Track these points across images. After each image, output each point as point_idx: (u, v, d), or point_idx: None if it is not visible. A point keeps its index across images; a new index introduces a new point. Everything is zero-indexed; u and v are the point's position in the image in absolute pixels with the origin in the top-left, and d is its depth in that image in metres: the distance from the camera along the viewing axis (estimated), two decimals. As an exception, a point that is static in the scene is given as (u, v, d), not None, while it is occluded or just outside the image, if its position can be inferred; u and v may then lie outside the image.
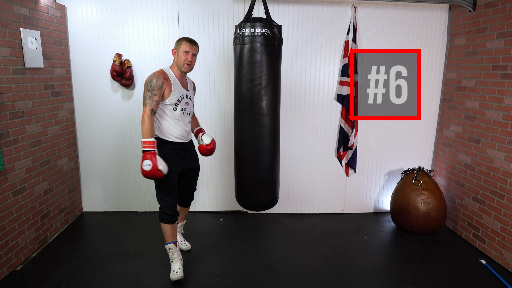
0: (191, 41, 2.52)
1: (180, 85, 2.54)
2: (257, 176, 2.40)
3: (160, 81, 2.40)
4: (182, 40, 2.51)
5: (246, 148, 2.38)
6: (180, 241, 3.05)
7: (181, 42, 2.51)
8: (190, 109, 2.65)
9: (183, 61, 2.49)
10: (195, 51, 2.53)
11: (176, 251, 2.68)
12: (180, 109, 2.54)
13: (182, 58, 2.49)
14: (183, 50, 2.48)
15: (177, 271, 2.61)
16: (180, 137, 2.59)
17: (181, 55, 2.49)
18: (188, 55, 2.49)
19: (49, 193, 3.15)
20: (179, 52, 2.50)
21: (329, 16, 3.48)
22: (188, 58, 2.49)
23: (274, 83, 2.28)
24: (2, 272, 2.58)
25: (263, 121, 2.30)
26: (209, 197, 3.86)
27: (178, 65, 2.52)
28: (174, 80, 2.51)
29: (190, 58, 2.50)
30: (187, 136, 2.65)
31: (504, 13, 2.84)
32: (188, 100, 2.60)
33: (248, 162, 2.40)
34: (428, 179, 3.35)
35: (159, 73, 2.46)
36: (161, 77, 2.42)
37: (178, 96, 2.51)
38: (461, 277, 2.72)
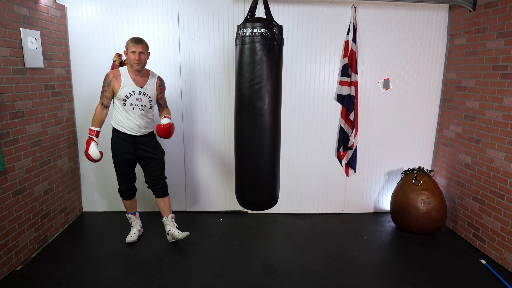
0: (135, 41, 2.76)
1: (132, 82, 2.82)
2: (257, 176, 2.40)
3: (108, 79, 2.80)
4: (129, 41, 2.78)
5: (246, 147, 2.38)
6: (177, 233, 3.07)
7: (128, 43, 2.78)
8: (143, 105, 2.88)
9: (132, 60, 2.76)
10: (141, 49, 2.76)
11: (135, 220, 3.23)
12: (129, 104, 2.84)
13: (131, 58, 2.76)
14: (130, 50, 2.75)
15: (132, 235, 3.15)
16: (130, 129, 2.89)
17: (130, 55, 2.76)
18: (135, 54, 2.74)
19: (49, 193, 3.15)
20: (128, 52, 2.78)
21: (329, 16, 3.48)
22: (135, 57, 2.75)
23: (274, 83, 2.28)
24: (2, 272, 2.58)
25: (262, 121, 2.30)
26: (209, 197, 3.86)
27: (130, 64, 2.80)
28: (126, 78, 2.81)
29: (137, 57, 2.75)
30: (138, 130, 2.92)
31: (504, 13, 2.84)
32: (140, 96, 2.86)
33: (247, 162, 2.40)
34: (428, 179, 3.35)
35: (110, 72, 2.85)
36: (110, 76, 2.81)
37: (127, 93, 2.80)
38: (461, 277, 2.72)
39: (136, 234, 3.18)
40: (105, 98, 2.81)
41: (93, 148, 2.77)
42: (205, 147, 3.72)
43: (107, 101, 2.82)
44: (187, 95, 3.59)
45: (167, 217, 3.13)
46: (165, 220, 3.14)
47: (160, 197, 3.10)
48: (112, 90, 2.80)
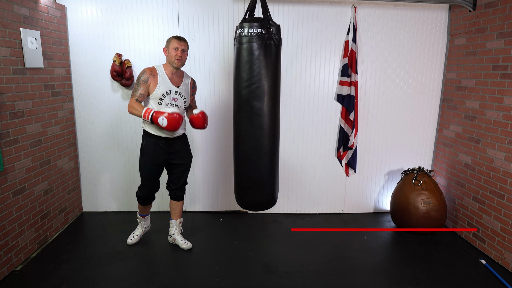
0: (179, 38, 2.73)
1: (169, 81, 2.74)
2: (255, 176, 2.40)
3: (146, 76, 2.67)
4: (171, 38, 2.73)
5: (244, 147, 2.38)
6: (181, 241, 3.07)
7: (171, 39, 2.73)
8: (178, 105, 2.78)
9: (173, 57, 2.69)
10: (183, 46, 2.72)
11: (143, 222, 3.16)
12: (165, 104, 2.73)
13: (173, 54, 2.69)
14: (173, 46, 2.69)
15: (133, 238, 3.12)
16: (165, 133, 2.76)
17: (171, 51, 2.69)
18: (178, 51, 2.68)
19: (49, 193, 3.15)
20: (169, 49, 2.71)
21: (329, 16, 3.48)
22: (178, 53, 2.69)
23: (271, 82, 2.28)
24: (2, 272, 2.58)
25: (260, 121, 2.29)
26: (209, 197, 3.86)
27: (170, 62, 2.72)
28: (163, 76, 2.72)
29: (180, 53, 2.69)
30: (172, 132, 2.78)
31: (504, 13, 2.84)
32: (176, 96, 2.77)
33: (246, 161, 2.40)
34: (428, 179, 3.35)
35: (147, 69, 2.72)
36: (147, 72, 2.68)
37: (163, 91, 2.70)
38: (461, 277, 2.72)
39: (138, 236, 3.14)
40: (140, 95, 2.65)
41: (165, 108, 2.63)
42: (205, 146, 3.72)
43: (142, 99, 2.67)
44: (187, 95, 3.59)
45: (176, 221, 3.10)
46: (172, 222, 3.11)
47: (175, 200, 3.06)
48: (148, 88, 2.67)
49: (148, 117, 2.56)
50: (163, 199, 3.76)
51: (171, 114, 2.56)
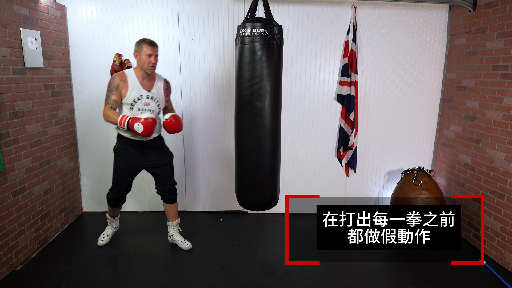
0: (152, 44, 2.63)
1: (140, 86, 2.68)
2: (257, 176, 2.40)
3: (116, 82, 2.62)
4: (143, 43, 2.61)
5: (245, 147, 2.38)
6: (180, 241, 3.07)
7: (142, 45, 2.61)
8: (151, 109, 2.74)
9: (146, 64, 2.62)
10: (157, 52, 2.66)
11: (113, 222, 3.12)
12: (137, 109, 2.69)
13: (146, 61, 2.61)
14: (146, 53, 2.60)
15: (104, 238, 3.09)
16: (138, 137, 2.72)
17: (144, 58, 2.61)
18: (151, 57, 2.61)
19: (49, 193, 3.15)
20: (141, 55, 2.61)
21: (329, 16, 3.48)
22: (151, 60, 2.62)
23: (273, 83, 2.28)
24: (2, 272, 2.58)
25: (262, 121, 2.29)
26: (209, 197, 3.86)
27: (142, 68, 2.65)
28: (133, 81, 2.66)
29: (153, 60, 2.63)
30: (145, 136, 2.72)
31: (504, 13, 2.84)
32: (149, 100, 2.72)
33: (247, 161, 2.40)
34: (428, 179, 3.35)
35: (117, 74, 2.67)
36: (117, 78, 2.64)
37: (135, 97, 2.66)
38: (461, 277, 2.72)
39: (109, 236, 3.11)
40: (113, 102, 2.61)
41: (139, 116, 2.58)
42: (205, 146, 3.72)
43: (115, 105, 2.63)
44: (187, 95, 3.59)
45: (172, 222, 3.08)
46: (169, 224, 3.09)
47: (168, 203, 3.03)
48: (120, 93, 2.63)
49: (124, 124, 2.53)
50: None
51: (146, 119, 2.54)
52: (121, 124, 2.55)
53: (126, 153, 2.79)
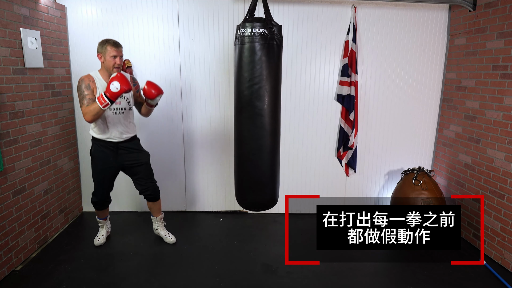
0: (116, 45, 2.60)
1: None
2: (256, 176, 2.40)
3: (85, 82, 2.58)
4: (107, 45, 2.57)
5: (245, 147, 2.38)
6: (165, 235, 3.13)
7: (106, 46, 2.57)
8: (123, 108, 2.73)
9: (112, 66, 2.60)
10: (121, 53, 2.64)
11: (105, 224, 3.15)
12: (109, 109, 2.65)
13: (111, 63, 2.59)
14: (111, 54, 2.58)
15: (100, 238, 3.10)
16: (112, 137, 2.74)
17: (109, 59, 2.58)
18: (116, 59, 2.60)
19: (49, 193, 3.15)
20: (105, 56, 2.59)
21: (329, 16, 3.48)
22: (116, 62, 2.60)
23: (273, 83, 2.28)
24: (2, 272, 2.58)
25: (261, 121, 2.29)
26: (209, 197, 3.85)
27: (107, 69, 2.63)
28: (101, 82, 2.64)
29: (119, 61, 2.61)
30: (120, 136, 2.77)
31: (504, 13, 2.84)
32: (119, 99, 2.68)
33: (246, 161, 2.40)
34: (428, 179, 3.34)
35: (84, 77, 2.62)
36: (85, 80, 2.59)
37: None
38: (461, 277, 2.72)
39: (104, 236, 3.14)
40: (89, 100, 2.54)
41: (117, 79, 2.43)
42: (205, 147, 3.72)
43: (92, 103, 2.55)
44: (187, 95, 3.59)
45: (156, 217, 3.15)
46: (153, 219, 3.17)
47: (151, 201, 3.06)
48: (93, 93, 2.58)
49: (105, 99, 2.42)
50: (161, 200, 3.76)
51: (113, 77, 2.44)
52: (103, 102, 2.43)
53: (101, 154, 2.78)
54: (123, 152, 2.82)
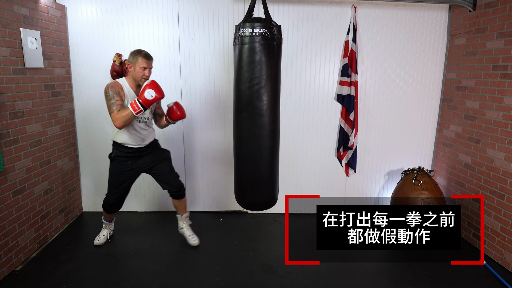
0: (147, 57, 2.63)
1: (134, 95, 2.69)
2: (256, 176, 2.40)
3: (114, 89, 2.58)
4: (139, 56, 2.61)
5: (245, 147, 2.39)
6: (189, 236, 3.11)
7: (138, 57, 2.61)
8: (146, 117, 2.78)
9: (140, 76, 2.63)
10: (151, 65, 2.67)
11: (109, 226, 3.17)
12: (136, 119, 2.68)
13: (140, 74, 2.62)
14: (141, 66, 2.61)
15: (100, 238, 3.11)
16: (134, 143, 2.77)
17: (139, 70, 2.62)
18: (146, 70, 2.63)
19: (49, 193, 3.15)
20: (135, 67, 2.62)
21: (329, 16, 3.48)
22: (145, 73, 2.63)
23: (273, 83, 2.29)
24: (2, 272, 2.58)
25: (261, 120, 2.30)
26: (209, 197, 3.85)
27: (136, 79, 2.66)
28: (129, 90, 2.67)
29: (148, 73, 2.64)
30: (142, 142, 2.81)
31: (504, 13, 2.84)
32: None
33: (246, 161, 2.41)
34: (428, 179, 3.35)
35: (112, 83, 2.62)
36: (114, 86, 2.60)
37: None
38: (461, 277, 2.72)
39: (105, 236, 3.13)
40: (119, 105, 2.54)
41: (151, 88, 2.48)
42: (205, 147, 3.72)
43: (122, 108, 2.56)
44: (187, 95, 3.59)
45: (182, 216, 3.13)
46: (179, 217, 3.14)
47: (177, 199, 3.04)
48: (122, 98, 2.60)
49: (138, 106, 2.46)
50: (161, 200, 3.76)
51: (148, 84, 2.48)
52: (136, 109, 2.46)
53: (123, 158, 2.80)
54: (144, 156, 2.86)
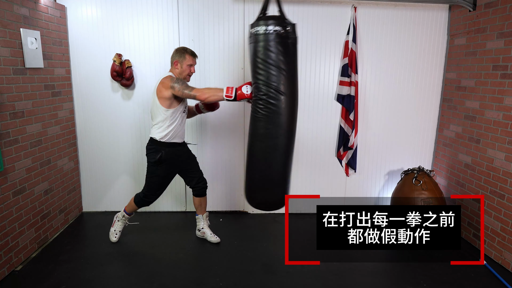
0: (194, 54, 2.75)
1: None
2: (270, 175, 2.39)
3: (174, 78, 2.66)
4: (186, 54, 2.72)
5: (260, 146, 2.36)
6: (210, 234, 3.15)
7: (185, 55, 2.72)
8: (185, 111, 2.88)
9: (187, 73, 2.74)
10: (196, 63, 2.80)
11: (127, 219, 3.14)
12: (182, 111, 2.81)
13: (186, 71, 2.74)
14: (188, 63, 2.72)
15: (117, 234, 3.10)
16: (181, 138, 2.86)
17: (185, 68, 2.72)
18: (192, 67, 2.75)
19: (49, 193, 3.15)
20: (183, 65, 2.72)
21: (329, 16, 3.48)
22: (192, 70, 2.76)
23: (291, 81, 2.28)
24: (2, 272, 2.58)
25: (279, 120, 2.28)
26: (209, 197, 3.84)
27: (180, 75, 2.74)
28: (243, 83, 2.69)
29: (193, 70, 2.77)
30: (183, 137, 2.93)
31: (504, 13, 2.84)
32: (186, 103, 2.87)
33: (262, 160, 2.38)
34: (428, 179, 3.34)
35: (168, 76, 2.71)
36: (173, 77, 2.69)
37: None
38: (461, 277, 2.72)
39: (121, 232, 3.15)
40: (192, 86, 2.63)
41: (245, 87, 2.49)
42: (205, 147, 3.72)
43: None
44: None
45: (202, 215, 3.17)
46: (199, 217, 3.18)
47: (200, 196, 3.11)
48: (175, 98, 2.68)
49: (233, 93, 2.48)
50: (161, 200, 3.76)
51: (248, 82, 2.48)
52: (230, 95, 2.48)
53: (174, 160, 2.85)
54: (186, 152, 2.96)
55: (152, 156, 2.79)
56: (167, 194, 3.69)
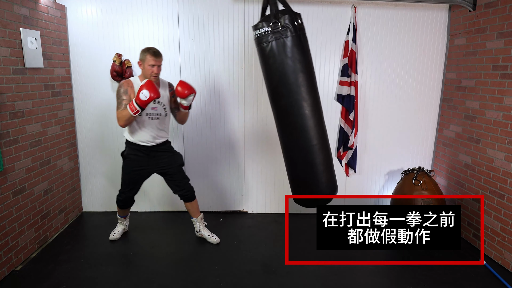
0: (155, 54, 2.69)
1: None
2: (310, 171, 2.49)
3: (124, 87, 2.69)
4: (147, 54, 2.67)
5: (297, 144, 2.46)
6: (208, 235, 3.15)
7: (146, 55, 2.68)
8: (158, 113, 2.81)
9: (149, 74, 2.69)
10: (159, 63, 2.72)
11: (123, 222, 3.23)
12: (145, 114, 2.74)
13: (149, 71, 2.69)
14: (149, 63, 2.67)
15: (115, 233, 3.19)
16: (145, 141, 2.81)
17: (147, 68, 2.68)
18: (154, 68, 2.69)
19: (49, 193, 3.15)
20: (144, 65, 2.69)
21: (329, 16, 3.48)
22: (154, 70, 2.69)
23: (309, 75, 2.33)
24: (2, 272, 2.58)
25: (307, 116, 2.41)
26: (209, 197, 3.85)
27: (146, 77, 2.71)
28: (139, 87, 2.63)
29: (156, 70, 2.70)
30: (153, 140, 2.84)
31: (504, 13, 2.84)
32: (156, 105, 2.78)
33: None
34: (428, 179, 3.34)
35: (123, 82, 2.75)
36: (124, 85, 2.70)
37: None
38: (461, 277, 2.72)
39: (120, 232, 3.21)
40: (124, 105, 2.66)
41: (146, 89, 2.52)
42: (205, 147, 3.72)
43: None
44: (187, 95, 3.59)
45: (197, 218, 3.17)
46: (194, 220, 3.18)
47: (188, 202, 3.09)
48: (130, 98, 2.68)
49: (135, 106, 2.54)
50: (161, 200, 3.77)
51: (143, 85, 2.54)
52: (133, 109, 2.55)
53: (135, 157, 2.85)
54: (156, 155, 2.89)
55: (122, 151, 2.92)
56: (167, 194, 3.69)
